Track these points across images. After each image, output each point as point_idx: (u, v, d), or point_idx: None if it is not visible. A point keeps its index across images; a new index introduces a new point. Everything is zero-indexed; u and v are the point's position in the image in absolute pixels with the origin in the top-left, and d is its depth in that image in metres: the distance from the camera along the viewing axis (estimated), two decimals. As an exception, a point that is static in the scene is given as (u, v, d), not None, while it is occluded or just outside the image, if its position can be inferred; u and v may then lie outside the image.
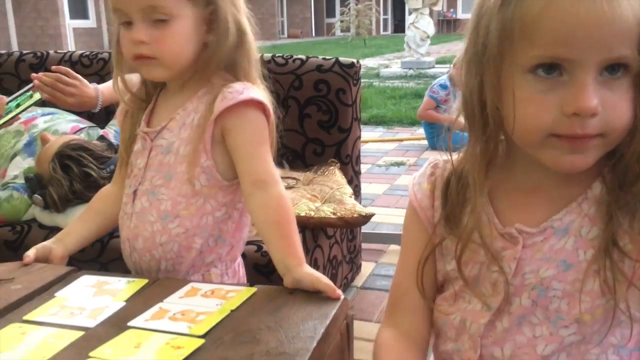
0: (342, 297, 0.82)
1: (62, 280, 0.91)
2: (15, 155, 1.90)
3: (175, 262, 0.98)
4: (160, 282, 0.90)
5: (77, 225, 1.07)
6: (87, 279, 0.91)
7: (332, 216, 1.66)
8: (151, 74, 0.97)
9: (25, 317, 0.79)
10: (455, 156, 0.74)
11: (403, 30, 8.98)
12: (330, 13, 27.40)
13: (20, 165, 1.86)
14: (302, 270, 0.86)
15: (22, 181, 1.76)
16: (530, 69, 0.61)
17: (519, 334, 0.71)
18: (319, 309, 0.79)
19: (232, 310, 0.79)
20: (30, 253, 0.98)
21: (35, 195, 1.65)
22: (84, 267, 1.01)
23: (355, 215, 1.67)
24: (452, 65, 4.23)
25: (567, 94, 0.60)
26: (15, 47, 15.19)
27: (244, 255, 1.48)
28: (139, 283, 0.89)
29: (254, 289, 0.85)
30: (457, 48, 7.87)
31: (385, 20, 27.32)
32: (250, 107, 0.95)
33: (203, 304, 0.81)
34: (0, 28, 14.91)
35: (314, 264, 1.70)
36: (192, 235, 0.98)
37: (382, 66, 10.49)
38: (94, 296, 0.86)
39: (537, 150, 0.64)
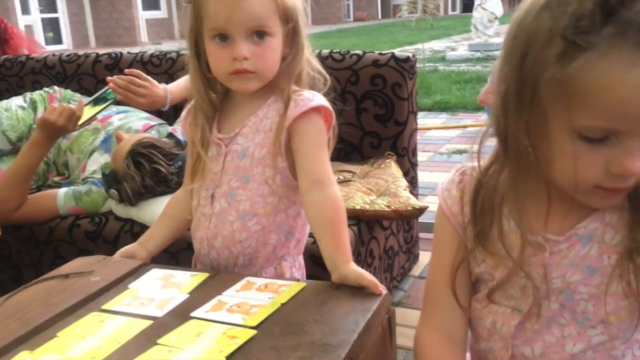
0: (384, 292, 0.88)
1: (134, 273, 1.02)
2: (93, 151, 2.06)
3: (252, 257, 1.08)
4: (219, 276, 0.99)
5: (155, 230, 1.19)
6: (156, 272, 1.02)
7: (386, 209, 1.71)
8: (245, 86, 1.04)
9: (103, 307, 0.90)
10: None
11: (472, 10, 8.76)
12: (396, -6, 27.01)
13: (98, 161, 2.01)
14: (349, 267, 0.92)
15: (100, 176, 1.91)
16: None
17: (548, 334, 0.75)
18: (361, 303, 0.86)
19: (282, 304, 0.87)
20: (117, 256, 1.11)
21: (112, 190, 1.79)
22: (157, 256, 1.13)
23: (409, 209, 1.71)
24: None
25: (614, 156, 0.62)
26: (92, 40, 15.90)
27: (301, 247, 1.57)
28: (201, 277, 0.99)
29: (303, 284, 0.93)
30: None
31: (454, 0, 26.68)
32: (315, 112, 1.04)
33: (257, 297, 0.90)
34: (79, 21, 15.63)
35: (369, 254, 1.76)
36: (268, 231, 1.07)
37: (448, 49, 10.31)
38: (161, 288, 0.96)
39: (575, 194, 0.68)
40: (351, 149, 2.10)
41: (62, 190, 1.91)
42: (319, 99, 1.05)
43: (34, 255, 1.95)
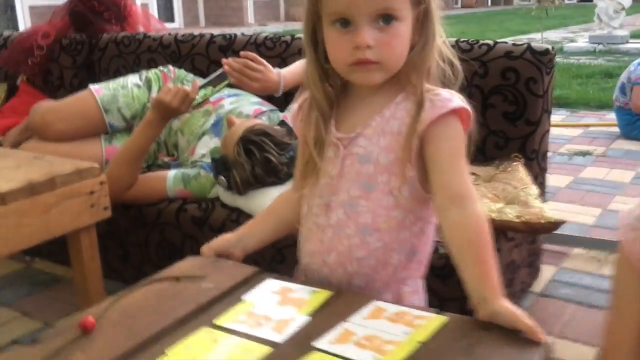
0: (545, 340, 0.73)
1: (248, 282, 0.92)
2: (203, 134, 2.01)
3: (369, 279, 0.95)
4: (344, 297, 0.87)
5: (258, 227, 1.07)
6: (271, 283, 0.91)
7: (516, 220, 1.53)
8: (368, 79, 0.91)
9: (215, 321, 0.81)
10: None
11: (590, -1, 8.14)
12: (509, -20, 25.82)
13: (208, 145, 1.96)
14: (500, 303, 0.77)
15: (209, 160, 1.85)
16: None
17: None
18: (519, 353, 0.71)
19: (420, 342, 0.74)
20: (210, 250, 1.02)
21: (220, 176, 1.73)
22: (260, 250, 1.03)
23: (542, 222, 1.52)
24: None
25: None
26: (202, 19, 16.39)
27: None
28: (322, 294, 0.87)
29: (444, 319, 0.79)
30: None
31: (570, -13, 25.14)
32: (453, 115, 0.88)
33: (390, 330, 0.77)
34: (191, 1, 16.13)
35: (491, 268, 1.59)
36: (390, 250, 0.93)
37: (566, 40, 9.66)
38: (279, 305, 0.85)
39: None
40: (473, 149, 1.92)
41: (172, 173, 1.88)
42: (458, 100, 0.89)
43: (140, 236, 1.94)
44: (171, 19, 15.72)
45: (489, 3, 25.13)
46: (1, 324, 1.88)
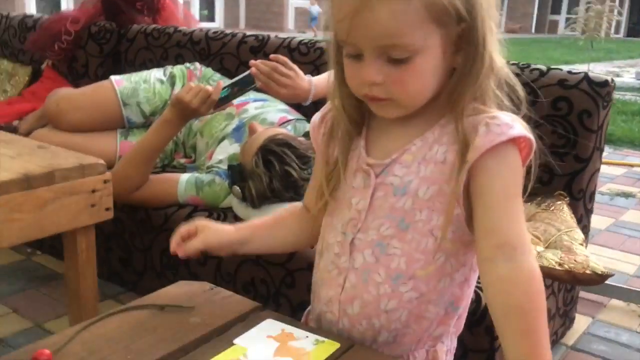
0: None
1: (244, 320, 0.78)
2: (223, 138, 1.88)
3: (400, 334, 0.79)
4: (355, 351, 0.72)
5: (263, 232, 0.93)
6: (270, 325, 0.77)
7: (558, 268, 1.36)
8: (383, 114, 0.77)
9: (197, 370, 0.66)
10: None
11: (638, 35, 7.86)
12: (556, 9, 25.47)
13: (227, 150, 1.83)
14: None
15: (226, 167, 1.72)
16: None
17: None
18: None
19: None
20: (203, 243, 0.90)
21: (235, 186, 1.60)
22: (270, 270, 0.88)
23: (587, 272, 1.35)
24: None
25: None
26: (242, 21, 16.45)
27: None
28: (329, 346, 0.72)
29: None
30: None
31: (618, 22, 24.67)
32: (512, 145, 0.72)
33: (407, 408, 0.61)
34: (233, 2, 16.22)
35: (524, 318, 1.42)
36: (427, 302, 0.77)
37: (611, 74, 9.38)
38: (275, 355, 0.70)
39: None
40: (531, 186, 1.75)
41: (185, 177, 1.75)
42: (519, 127, 0.73)
43: (145, 240, 1.81)
44: (212, 19, 15.81)
45: (533, 30, 24.77)
46: (-12, 320, 1.78)
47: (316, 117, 0.88)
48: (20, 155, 1.41)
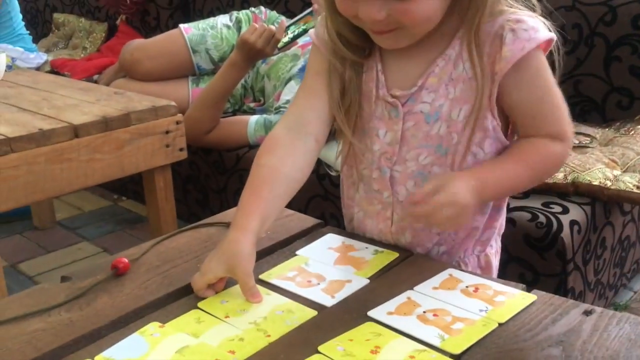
0: None
1: (307, 234, 0.81)
2: (290, 79, 1.90)
3: (452, 247, 0.79)
4: (413, 260, 0.74)
5: (264, 213, 0.72)
6: (331, 238, 0.79)
7: (635, 191, 1.30)
8: (390, 45, 0.72)
9: (261, 276, 0.70)
10: None
11: None
12: None
13: (294, 90, 1.85)
14: (460, 183, 0.69)
15: (294, 107, 1.74)
16: None
17: None
18: (628, 350, 0.55)
19: (499, 324, 0.59)
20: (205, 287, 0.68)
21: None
22: (339, 204, 0.82)
23: (668, 194, 1.29)
24: None
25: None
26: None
27: (513, 224, 1.26)
28: (388, 255, 0.74)
29: (533, 297, 0.63)
30: None
31: None
32: (538, 48, 0.70)
33: (463, 305, 0.63)
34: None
35: (600, 244, 1.38)
36: (474, 214, 0.75)
37: None
38: (335, 264, 0.73)
39: None
40: (590, 107, 1.68)
41: (254, 118, 1.79)
42: (544, 28, 0.69)
43: (220, 181, 1.88)
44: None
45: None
46: (81, 258, 1.92)
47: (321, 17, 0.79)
48: (98, 101, 1.49)
